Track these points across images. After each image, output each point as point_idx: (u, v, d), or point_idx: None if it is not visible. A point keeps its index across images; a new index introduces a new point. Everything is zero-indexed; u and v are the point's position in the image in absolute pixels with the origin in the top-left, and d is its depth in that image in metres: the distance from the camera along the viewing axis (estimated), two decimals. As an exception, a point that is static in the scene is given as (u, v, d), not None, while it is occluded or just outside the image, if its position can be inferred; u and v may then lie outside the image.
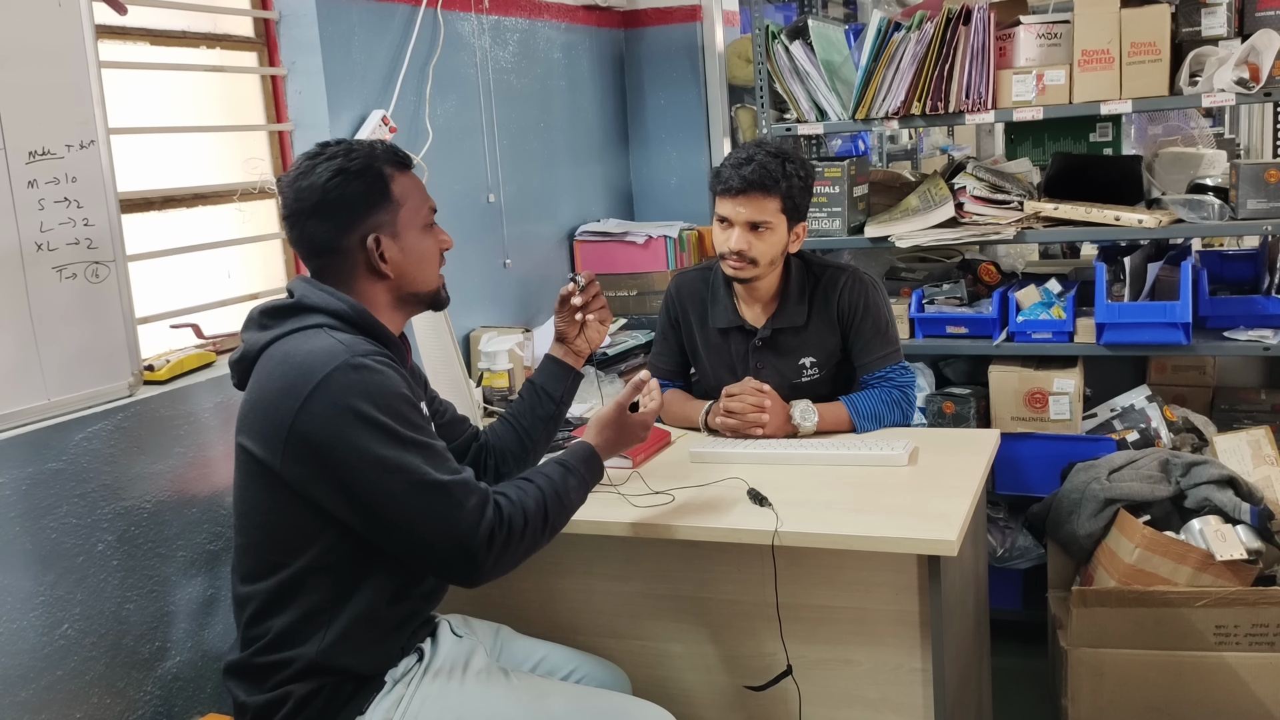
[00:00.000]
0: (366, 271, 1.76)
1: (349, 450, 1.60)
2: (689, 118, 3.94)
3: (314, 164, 1.74)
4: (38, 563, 1.87)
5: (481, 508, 1.65)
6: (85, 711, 1.96)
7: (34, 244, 1.87)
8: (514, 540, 1.68)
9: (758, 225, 2.39)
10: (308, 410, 1.61)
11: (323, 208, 1.72)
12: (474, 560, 1.65)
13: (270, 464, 1.66)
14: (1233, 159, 3.57)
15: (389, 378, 1.65)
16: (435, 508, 1.62)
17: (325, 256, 1.76)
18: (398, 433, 1.62)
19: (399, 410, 1.64)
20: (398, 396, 1.65)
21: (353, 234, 1.74)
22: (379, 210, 1.75)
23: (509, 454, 2.09)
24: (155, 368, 2.15)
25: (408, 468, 1.61)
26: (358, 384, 1.61)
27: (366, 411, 1.60)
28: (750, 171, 2.36)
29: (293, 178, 1.74)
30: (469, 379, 2.72)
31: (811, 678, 2.03)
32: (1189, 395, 3.26)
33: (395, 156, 1.80)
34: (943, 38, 3.03)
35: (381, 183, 1.75)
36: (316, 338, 1.67)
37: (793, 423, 2.41)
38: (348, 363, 1.62)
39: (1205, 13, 2.89)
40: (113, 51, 2.25)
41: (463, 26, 3.10)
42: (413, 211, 1.79)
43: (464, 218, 3.03)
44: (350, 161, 1.74)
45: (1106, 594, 2.53)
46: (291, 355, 1.66)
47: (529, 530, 1.71)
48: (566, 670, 1.98)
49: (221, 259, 2.56)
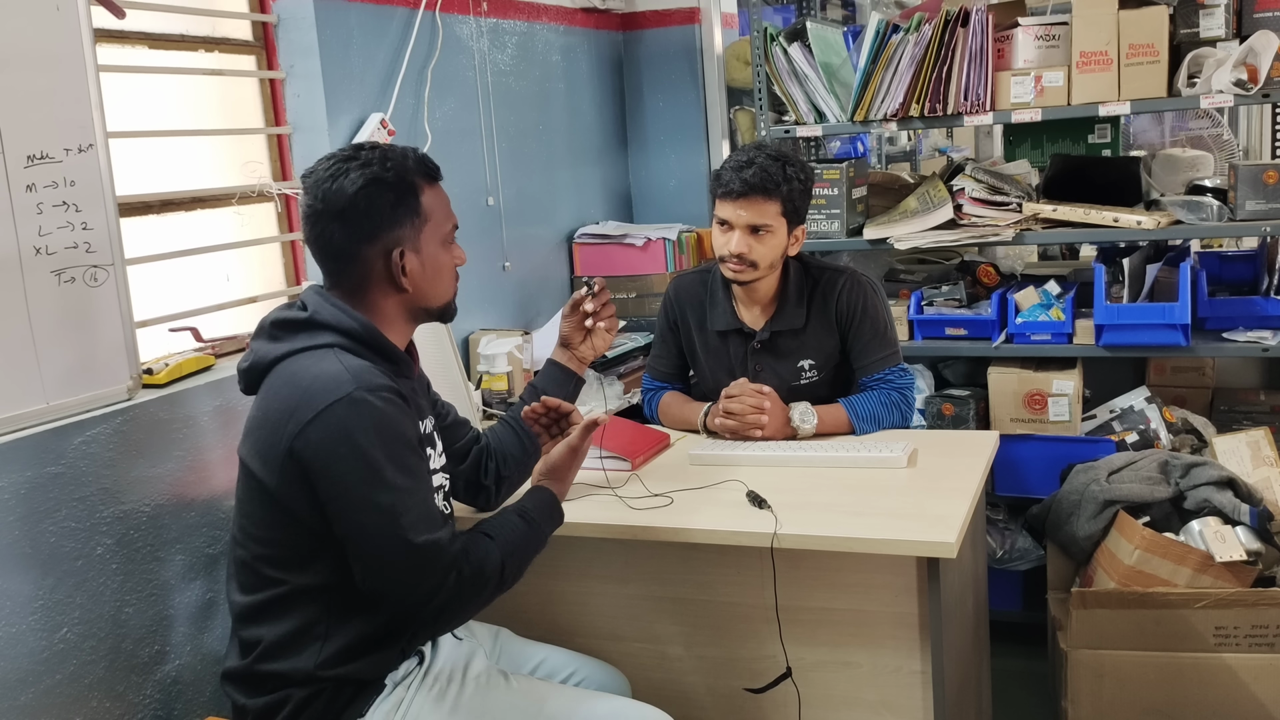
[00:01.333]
0: (383, 282, 1.75)
1: (336, 481, 1.61)
2: (688, 120, 3.94)
3: (347, 167, 1.70)
4: (37, 567, 1.87)
5: (445, 572, 1.64)
6: (84, 715, 1.95)
7: (32, 248, 1.87)
8: (465, 604, 1.71)
9: (758, 228, 2.39)
10: (305, 436, 1.61)
11: (349, 214, 1.70)
12: (421, 616, 1.70)
13: (268, 484, 1.67)
14: (1229, 160, 3.57)
15: (390, 417, 1.64)
16: (400, 564, 1.62)
17: (340, 262, 1.74)
18: (384, 477, 1.61)
19: (394, 452, 1.63)
20: (396, 437, 1.64)
21: (375, 244, 1.72)
22: (405, 224, 1.73)
23: (509, 456, 2.09)
24: (154, 371, 2.15)
25: (386, 515, 1.61)
26: (358, 419, 1.61)
27: (360, 448, 1.60)
28: (751, 175, 2.37)
29: (323, 178, 1.71)
30: (468, 382, 2.72)
31: (811, 680, 2.03)
32: (1188, 396, 3.26)
33: (426, 168, 1.78)
34: (941, 39, 3.03)
35: (412, 196, 1.74)
36: (325, 360, 1.67)
37: (792, 425, 2.41)
38: (351, 395, 1.61)
39: (1203, 14, 2.89)
40: (111, 55, 2.25)
41: (461, 29, 3.10)
42: (436, 227, 1.78)
43: (463, 220, 2.99)
44: (385, 171, 1.71)
45: (1106, 595, 2.53)
46: (298, 377, 1.66)
47: (484, 593, 1.72)
48: (566, 673, 1.98)
49: (220, 262, 2.56)
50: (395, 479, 1.62)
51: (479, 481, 2.05)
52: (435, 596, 1.64)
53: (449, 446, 1.99)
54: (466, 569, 1.67)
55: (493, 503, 2.08)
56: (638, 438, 2.37)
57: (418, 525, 1.62)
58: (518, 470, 2.10)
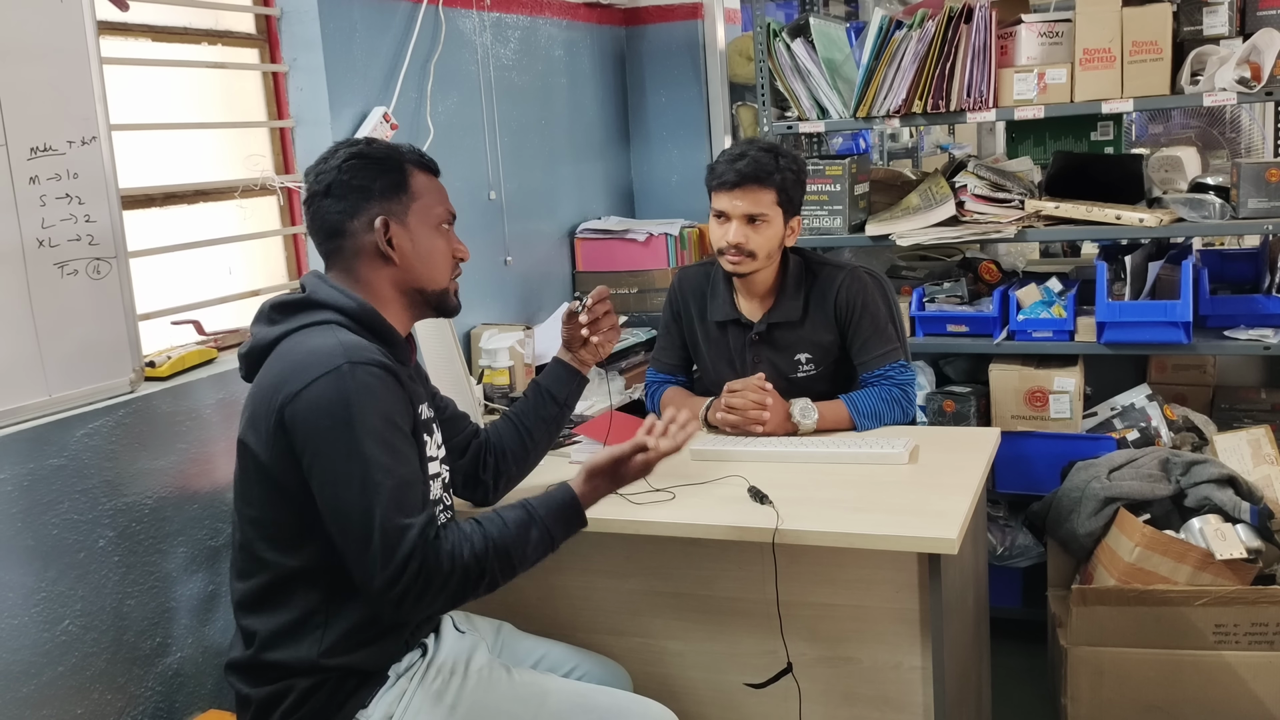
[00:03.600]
0: (373, 255, 1.77)
1: (317, 453, 1.61)
2: (690, 115, 3.94)
3: (337, 148, 1.80)
4: (39, 559, 1.88)
5: (406, 560, 1.57)
6: (86, 708, 1.96)
7: (35, 240, 1.87)
8: (431, 596, 1.61)
9: (754, 218, 2.42)
10: (293, 406, 1.62)
11: (336, 188, 1.75)
12: (382, 604, 1.61)
13: (262, 457, 1.67)
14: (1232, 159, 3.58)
15: (378, 393, 1.63)
16: (363, 544, 1.59)
17: (336, 240, 1.78)
18: (363, 450, 1.59)
19: (377, 427, 1.61)
20: (381, 413, 1.63)
21: (361, 216, 1.76)
22: (391, 198, 1.77)
23: (509, 452, 2.09)
24: (156, 364, 2.15)
25: (358, 490, 1.58)
26: (344, 391, 1.61)
27: (341, 420, 1.60)
28: (745, 165, 2.41)
29: (315, 163, 1.80)
30: (470, 376, 2.72)
31: (812, 675, 2.04)
32: (1189, 394, 3.27)
33: (420, 158, 1.84)
34: (944, 36, 3.03)
35: (398, 173, 1.79)
36: (321, 335, 1.68)
37: (792, 420, 2.41)
38: (341, 368, 1.61)
39: (1207, 12, 2.89)
40: (114, 48, 2.24)
41: (464, 23, 3.10)
42: (425, 208, 1.81)
43: (465, 214, 3.00)
44: (371, 148, 1.79)
45: (1106, 593, 2.53)
46: (294, 351, 1.67)
47: (456, 588, 1.63)
48: (567, 668, 1.99)
49: (223, 255, 2.56)
50: (374, 454, 1.60)
51: (477, 476, 2.06)
52: (395, 584, 1.58)
53: (447, 440, 2.00)
54: (432, 559, 1.59)
55: (490, 498, 2.08)
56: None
57: (388, 505, 1.58)
58: (517, 466, 2.10)
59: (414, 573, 1.58)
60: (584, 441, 2.40)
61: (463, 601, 1.67)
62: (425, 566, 1.59)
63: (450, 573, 1.62)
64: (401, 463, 1.64)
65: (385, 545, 1.57)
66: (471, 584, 1.65)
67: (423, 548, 1.59)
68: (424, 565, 1.59)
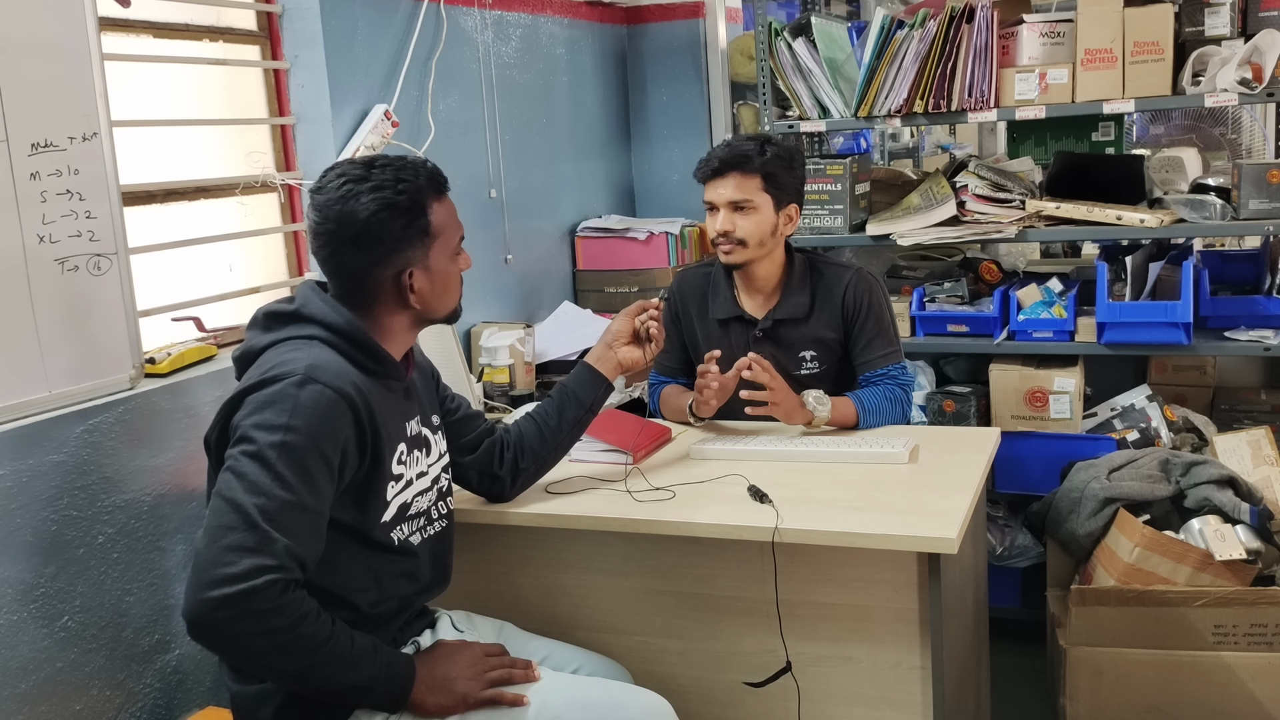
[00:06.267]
0: (391, 300, 1.76)
1: (233, 447, 1.59)
2: (691, 114, 3.94)
3: (358, 190, 1.69)
4: (38, 555, 1.88)
5: (214, 588, 1.48)
6: (85, 704, 1.96)
7: (36, 236, 1.87)
8: (230, 639, 1.52)
9: (740, 205, 2.44)
10: (240, 408, 1.62)
11: (362, 239, 1.70)
12: (186, 605, 1.52)
13: (213, 458, 1.68)
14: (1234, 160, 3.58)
15: (313, 417, 1.59)
16: (199, 555, 1.52)
17: (351, 282, 1.75)
18: (265, 463, 1.54)
19: (295, 449, 1.56)
20: (307, 433, 1.58)
21: (386, 267, 1.73)
22: (417, 245, 1.74)
23: (528, 449, 2.09)
24: (156, 361, 2.15)
25: (228, 501, 1.53)
26: (280, 403, 1.59)
27: (264, 425, 1.57)
28: (725, 152, 2.46)
29: (334, 198, 1.69)
30: (470, 374, 2.72)
31: (811, 674, 2.04)
32: (1189, 395, 3.27)
33: (436, 182, 1.78)
34: (946, 36, 3.03)
35: (423, 218, 1.74)
36: (300, 349, 1.68)
37: (807, 407, 2.39)
38: (292, 380, 1.60)
39: (1208, 12, 2.89)
40: (115, 44, 2.25)
41: (465, 21, 3.10)
42: (445, 242, 1.79)
43: (466, 213, 2.99)
44: (398, 195, 1.70)
45: (1105, 593, 2.53)
46: (268, 361, 1.67)
47: (266, 633, 1.51)
48: (569, 667, 1.97)
49: (223, 252, 2.56)
50: (265, 477, 1.54)
51: (493, 472, 2.06)
52: (196, 611, 1.49)
53: (459, 439, 2.01)
54: (244, 605, 1.48)
55: (507, 494, 2.08)
56: (639, 431, 2.37)
57: (238, 530, 1.51)
58: (535, 465, 2.10)
59: (215, 608, 1.48)
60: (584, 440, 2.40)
61: (255, 662, 1.57)
62: (227, 603, 1.48)
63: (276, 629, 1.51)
64: (297, 492, 1.56)
65: (207, 562, 1.50)
66: (285, 655, 1.54)
67: (243, 593, 1.48)
68: (226, 603, 1.48)
